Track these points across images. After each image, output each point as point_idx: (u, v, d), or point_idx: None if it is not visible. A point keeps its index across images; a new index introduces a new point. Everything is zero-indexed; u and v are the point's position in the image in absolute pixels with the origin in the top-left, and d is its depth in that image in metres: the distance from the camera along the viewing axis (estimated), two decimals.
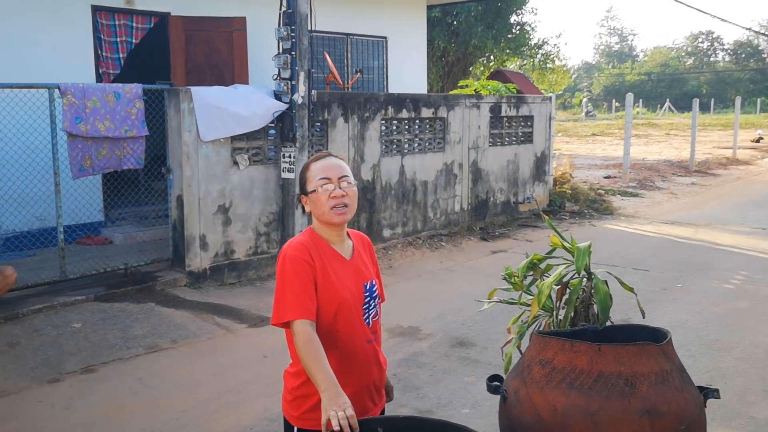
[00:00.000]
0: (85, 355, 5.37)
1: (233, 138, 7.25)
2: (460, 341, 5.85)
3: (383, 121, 8.93)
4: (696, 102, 19.47)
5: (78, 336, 5.64)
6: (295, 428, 2.39)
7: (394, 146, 9.15)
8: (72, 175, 6.48)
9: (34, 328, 5.70)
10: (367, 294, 2.43)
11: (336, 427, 1.95)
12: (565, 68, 26.04)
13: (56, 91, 6.32)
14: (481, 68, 21.87)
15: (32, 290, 6.30)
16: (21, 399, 4.70)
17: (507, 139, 11.08)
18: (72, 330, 5.73)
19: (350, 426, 1.97)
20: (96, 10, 8.54)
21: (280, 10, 7.49)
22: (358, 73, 11.75)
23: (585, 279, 2.85)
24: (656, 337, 2.22)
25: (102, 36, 8.66)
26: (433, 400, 4.65)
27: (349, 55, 11.93)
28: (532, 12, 29.31)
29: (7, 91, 6.59)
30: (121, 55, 8.84)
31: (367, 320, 2.42)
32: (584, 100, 60.01)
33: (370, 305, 2.44)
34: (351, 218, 2.43)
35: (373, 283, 2.48)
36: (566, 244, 2.88)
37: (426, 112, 9.49)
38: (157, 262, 7.25)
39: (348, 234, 2.51)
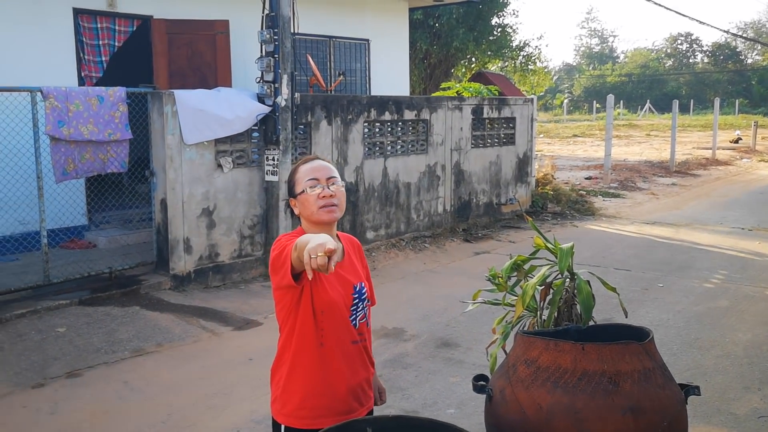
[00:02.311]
0: (70, 360, 5.35)
1: (217, 141, 7.25)
2: (445, 342, 5.90)
3: (366, 124, 8.96)
4: (676, 103, 19.72)
5: (62, 340, 5.62)
6: (283, 426, 2.42)
7: (377, 148, 9.19)
8: (55, 178, 6.45)
9: (18, 333, 5.66)
10: (356, 296, 2.45)
11: (310, 274, 1.92)
12: (546, 70, 26.24)
13: (38, 94, 6.29)
14: (463, 70, 21.98)
15: (15, 295, 6.26)
16: (5, 404, 4.67)
17: (489, 140, 11.16)
18: (56, 334, 5.70)
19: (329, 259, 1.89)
20: (78, 12, 8.50)
21: (263, 13, 7.51)
22: (341, 76, 11.78)
23: (568, 279, 2.90)
24: (639, 335, 2.27)
25: (84, 39, 8.62)
26: (418, 401, 4.69)
27: (331, 57, 11.96)
28: (514, 14, 29.55)
29: None
30: (103, 59, 8.81)
31: (354, 321, 2.44)
32: (565, 101, 60.42)
33: (358, 307, 2.46)
34: (340, 217, 2.45)
35: (363, 285, 2.50)
36: (549, 245, 2.92)
37: (409, 114, 9.54)
38: (141, 265, 7.23)
39: (338, 236, 2.53)
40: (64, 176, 6.49)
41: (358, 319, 2.46)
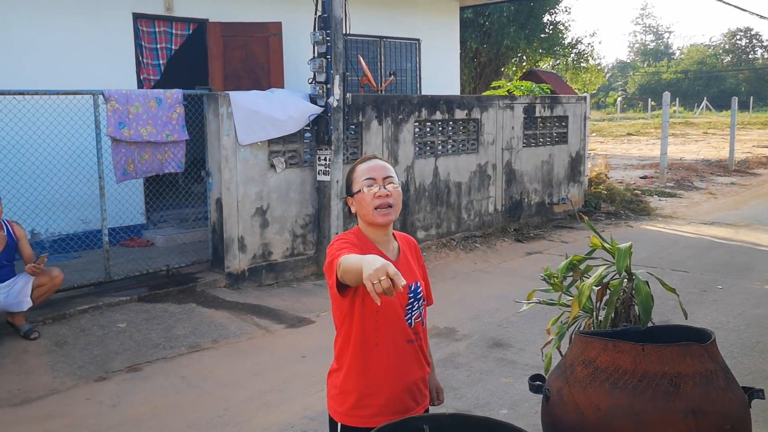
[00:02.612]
0: (130, 354, 5.52)
1: (270, 141, 7.36)
2: (497, 342, 5.87)
3: (417, 123, 8.98)
4: (735, 100, 19.13)
5: (123, 335, 5.80)
6: (339, 425, 2.45)
7: (428, 148, 9.19)
8: (116, 179, 6.65)
9: (81, 328, 5.87)
10: (411, 296, 2.46)
11: (378, 301, 1.89)
12: (599, 67, 25.76)
13: (101, 97, 6.49)
14: (514, 69, 21.77)
15: (78, 291, 6.48)
16: (70, 397, 4.85)
17: (541, 139, 11.04)
18: (117, 330, 5.88)
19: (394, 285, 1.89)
20: (137, 17, 8.75)
21: (316, 14, 7.59)
22: (392, 76, 11.81)
23: (626, 280, 2.86)
24: (700, 337, 2.23)
25: (143, 43, 8.86)
26: (471, 401, 4.68)
27: (382, 57, 12.00)
28: (566, 11, 29.01)
29: (54, 97, 6.79)
30: (161, 62, 9.04)
31: (409, 321, 2.45)
32: (618, 99, 59.27)
33: (414, 306, 2.47)
34: (395, 219, 2.47)
35: (418, 285, 2.51)
36: (606, 245, 2.89)
37: (459, 114, 9.51)
38: (197, 263, 7.40)
39: (394, 235, 2.55)
40: (125, 176, 6.69)
41: (413, 318, 2.47)
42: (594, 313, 2.98)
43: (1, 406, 4.69)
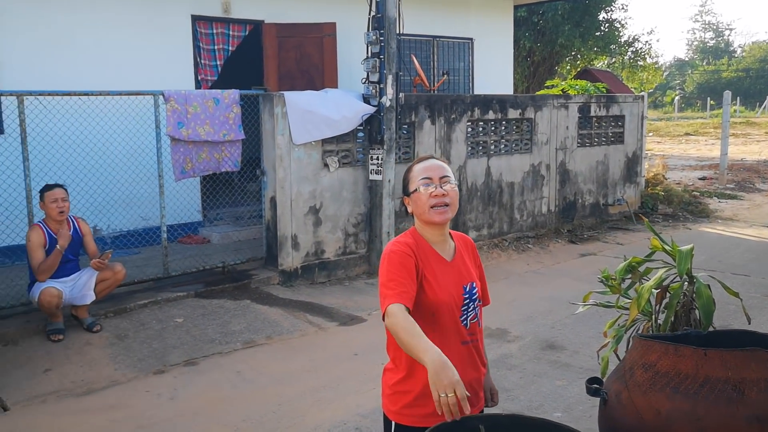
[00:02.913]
0: (187, 349, 5.65)
1: (324, 141, 7.44)
2: (550, 344, 5.81)
3: (469, 123, 8.94)
4: None
5: (180, 330, 5.95)
6: (393, 423, 2.46)
7: (481, 147, 9.15)
8: (174, 177, 6.82)
9: (141, 322, 6.04)
10: (467, 296, 2.46)
11: (447, 416, 1.91)
12: (656, 66, 25.16)
13: (161, 97, 6.67)
14: (568, 67, 21.47)
15: (138, 286, 6.67)
16: (130, 388, 5.00)
17: (596, 139, 10.86)
18: (175, 324, 6.04)
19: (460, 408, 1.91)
20: (195, 19, 8.95)
21: (369, 14, 7.63)
22: (445, 75, 11.79)
23: (686, 283, 2.81)
24: (764, 342, 2.17)
25: (201, 44, 9.07)
26: (523, 402, 4.65)
27: (435, 57, 12.00)
28: (622, 9, 28.48)
29: (117, 98, 7.00)
30: (218, 62, 9.23)
31: (465, 321, 2.45)
32: (676, 98, 57.81)
33: (469, 307, 2.47)
34: (451, 218, 2.46)
35: (474, 285, 2.50)
36: (667, 247, 2.84)
37: (513, 113, 9.43)
38: (251, 260, 7.53)
39: (450, 235, 2.55)
40: (183, 175, 6.85)
41: (469, 319, 2.47)
42: (653, 316, 2.94)
43: (66, 395, 4.87)
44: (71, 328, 5.77)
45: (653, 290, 2.77)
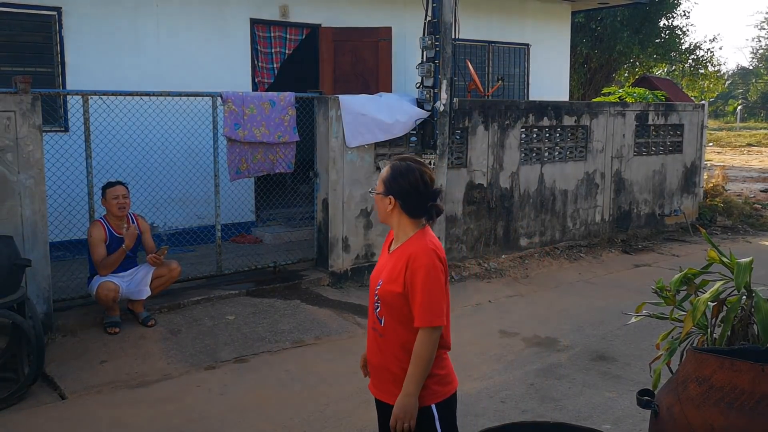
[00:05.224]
0: (238, 346, 5.76)
1: (376, 144, 7.48)
2: (601, 355, 5.71)
3: (523, 129, 8.86)
4: None
5: (231, 327, 6.05)
6: (435, 407, 2.68)
7: (534, 154, 9.06)
8: (229, 177, 6.95)
9: (194, 318, 6.17)
10: (377, 288, 2.76)
11: None
12: (718, 74, 24.46)
13: (219, 99, 6.81)
14: (626, 74, 21.05)
15: (192, 283, 6.82)
16: (182, 382, 5.12)
17: (653, 148, 10.63)
18: (226, 321, 6.15)
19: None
20: (254, 23, 9.11)
21: (425, 19, 7.65)
22: (500, 81, 11.72)
23: (744, 297, 2.74)
24: None
25: (259, 47, 9.23)
26: (572, 413, 4.58)
27: (490, 62, 11.93)
28: (684, 15, 27.81)
29: (176, 98, 7.18)
30: (275, 65, 9.38)
31: (376, 310, 2.76)
32: (739, 107, 56.07)
33: (376, 299, 2.76)
34: (380, 221, 2.80)
35: (380, 282, 2.75)
36: (725, 259, 2.78)
37: (568, 120, 9.31)
38: (302, 261, 7.62)
39: (409, 240, 2.70)
40: (238, 175, 6.98)
41: (376, 311, 2.78)
42: (708, 329, 2.87)
43: (120, 387, 5.02)
44: (127, 321, 5.94)
45: (709, 303, 2.71)
